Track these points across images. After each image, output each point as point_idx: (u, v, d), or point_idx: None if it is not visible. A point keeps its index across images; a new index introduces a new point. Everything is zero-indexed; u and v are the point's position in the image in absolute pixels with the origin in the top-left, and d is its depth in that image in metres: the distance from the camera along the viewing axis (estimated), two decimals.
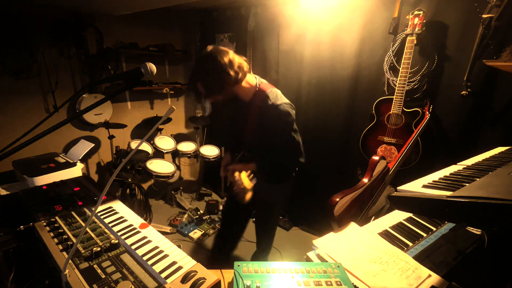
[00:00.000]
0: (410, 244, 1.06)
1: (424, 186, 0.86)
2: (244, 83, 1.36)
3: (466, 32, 1.83)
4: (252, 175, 1.43)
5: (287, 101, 1.37)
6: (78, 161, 1.90)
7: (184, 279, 0.88)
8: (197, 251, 2.56)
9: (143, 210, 2.82)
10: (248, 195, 1.38)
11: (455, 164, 1.10)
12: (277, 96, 1.37)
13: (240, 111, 1.48)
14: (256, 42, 2.89)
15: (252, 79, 1.40)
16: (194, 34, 3.53)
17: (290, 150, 1.41)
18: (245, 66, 1.31)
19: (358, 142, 2.31)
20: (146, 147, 3.09)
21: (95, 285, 0.86)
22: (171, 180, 3.16)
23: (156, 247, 1.05)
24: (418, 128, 1.86)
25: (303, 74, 2.62)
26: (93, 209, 1.28)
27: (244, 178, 1.37)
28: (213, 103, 1.70)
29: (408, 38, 1.91)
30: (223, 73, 1.23)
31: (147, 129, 3.31)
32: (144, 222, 1.22)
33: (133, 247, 1.05)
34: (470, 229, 1.11)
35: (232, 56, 1.26)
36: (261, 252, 1.85)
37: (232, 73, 1.24)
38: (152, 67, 0.82)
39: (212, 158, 3.18)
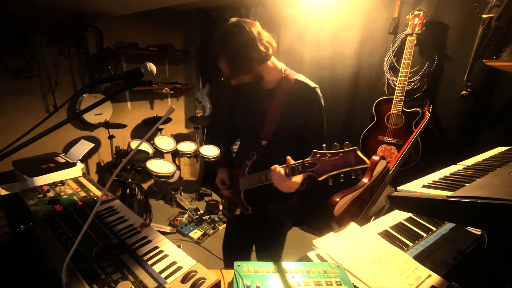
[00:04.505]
0: (410, 244, 1.06)
1: (424, 186, 0.86)
2: (270, 64, 1.19)
3: (466, 32, 1.83)
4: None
5: None
6: (78, 161, 1.89)
7: (184, 279, 0.88)
8: (197, 251, 2.56)
9: (143, 210, 2.83)
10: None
11: (455, 164, 1.10)
12: (309, 80, 1.24)
13: (258, 102, 1.26)
14: None
15: (278, 62, 1.24)
16: (194, 34, 3.53)
17: (322, 135, 1.27)
18: (273, 42, 1.14)
19: (358, 142, 2.31)
20: (146, 147, 3.09)
21: (95, 285, 0.86)
22: (171, 180, 3.16)
23: (156, 247, 1.05)
24: (418, 128, 1.86)
25: (303, 74, 2.60)
26: (93, 209, 1.28)
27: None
28: (232, 95, 1.43)
29: (408, 38, 1.91)
30: (251, 47, 1.06)
31: (147, 129, 3.31)
32: (144, 222, 1.22)
33: (133, 247, 1.05)
34: (470, 229, 1.10)
35: (260, 29, 1.10)
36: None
37: (261, 47, 1.07)
38: (152, 67, 0.82)
39: (212, 158, 3.18)
